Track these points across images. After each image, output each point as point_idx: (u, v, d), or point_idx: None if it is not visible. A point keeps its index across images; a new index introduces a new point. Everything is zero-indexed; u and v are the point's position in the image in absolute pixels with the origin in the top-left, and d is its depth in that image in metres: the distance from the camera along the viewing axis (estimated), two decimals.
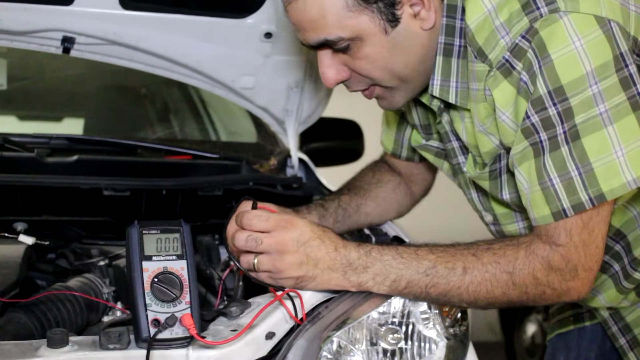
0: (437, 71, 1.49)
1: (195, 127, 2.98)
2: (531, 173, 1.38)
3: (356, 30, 1.42)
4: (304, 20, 1.44)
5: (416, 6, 1.43)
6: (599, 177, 1.33)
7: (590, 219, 1.37)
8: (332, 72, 1.50)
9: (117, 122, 2.99)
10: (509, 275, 1.40)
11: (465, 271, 1.41)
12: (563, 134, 1.33)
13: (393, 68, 1.47)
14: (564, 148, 1.33)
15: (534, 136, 1.36)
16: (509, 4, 1.37)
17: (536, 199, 1.38)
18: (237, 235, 1.47)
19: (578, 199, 1.34)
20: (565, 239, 1.38)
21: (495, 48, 1.38)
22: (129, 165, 2.12)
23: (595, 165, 1.32)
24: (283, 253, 1.42)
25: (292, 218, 1.46)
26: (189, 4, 2.05)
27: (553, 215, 1.37)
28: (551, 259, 1.38)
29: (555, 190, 1.35)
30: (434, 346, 1.51)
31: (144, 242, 1.35)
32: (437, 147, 1.69)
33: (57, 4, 1.92)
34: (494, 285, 1.41)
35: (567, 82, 1.31)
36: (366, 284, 1.44)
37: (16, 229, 1.78)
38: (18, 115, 3.05)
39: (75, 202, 1.92)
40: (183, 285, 1.33)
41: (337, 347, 1.44)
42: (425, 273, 1.42)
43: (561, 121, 1.33)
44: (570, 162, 1.33)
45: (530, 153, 1.38)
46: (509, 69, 1.36)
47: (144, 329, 1.29)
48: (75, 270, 1.79)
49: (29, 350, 1.28)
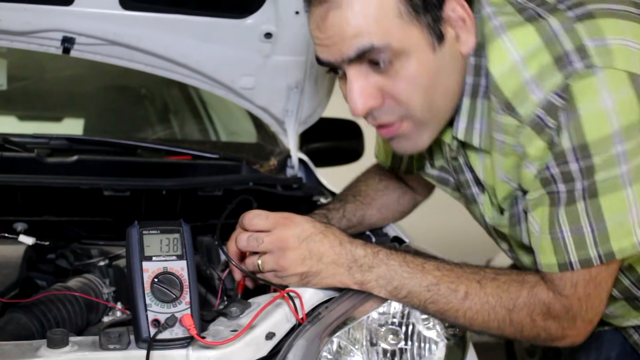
0: (464, 113, 1.42)
1: (195, 128, 2.98)
2: (543, 220, 1.35)
3: (405, 43, 1.31)
4: (346, 28, 1.31)
5: (457, 27, 1.35)
6: (611, 236, 1.30)
7: (598, 274, 1.35)
8: (366, 98, 1.35)
9: (117, 123, 2.99)
10: (508, 312, 1.39)
11: (467, 296, 1.40)
12: (581, 190, 1.30)
13: (433, 95, 1.37)
14: (580, 204, 1.30)
15: (551, 186, 1.33)
16: (539, 57, 1.30)
17: (544, 246, 1.36)
18: (239, 236, 1.47)
19: (587, 255, 1.32)
20: (570, 290, 1.36)
21: (525, 103, 1.31)
22: (129, 166, 2.12)
23: (609, 224, 1.30)
24: (285, 250, 1.42)
25: (293, 215, 1.46)
26: (189, 4, 2.05)
27: (559, 266, 1.35)
28: (552, 306, 1.37)
29: (565, 242, 1.33)
30: (434, 346, 1.51)
31: (144, 242, 1.35)
32: (437, 175, 1.66)
33: (57, 4, 1.92)
34: (491, 317, 1.40)
35: (593, 140, 1.27)
36: (368, 283, 1.43)
37: (16, 229, 1.78)
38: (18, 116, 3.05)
39: (75, 203, 1.92)
40: (183, 286, 1.33)
41: (337, 348, 1.44)
42: (427, 288, 1.41)
43: (582, 177, 1.29)
44: (585, 218, 1.31)
45: (545, 200, 1.35)
46: (541, 126, 1.30)
47: (144, 329, 1.29)
48: (75, 270, 1.79)
49: (29, 351, 1.28)
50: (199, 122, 2.97)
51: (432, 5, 1.31)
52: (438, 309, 1.43)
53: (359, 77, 1.35)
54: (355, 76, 1.35)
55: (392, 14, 1.30)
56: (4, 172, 1.87)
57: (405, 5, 1.30)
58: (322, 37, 1.35)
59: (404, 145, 1.46)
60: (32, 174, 1.92)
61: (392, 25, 1.30)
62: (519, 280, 1.41)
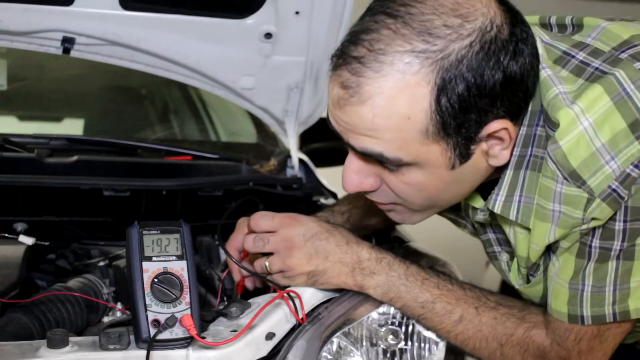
0: (505, 186, 1.31)
1: (195, 128, 2.98)
2: (567, 267, 1.30)
3: (420, 158, 1.22)
4: (362, 124, 1.20)
5: (494, 143, 1.24)
6: (631, 296, 1.27)
7: (608, 330, 1.31)
8: (359, 180, 1.29)
9: (117, 123, 2.99)
10: (500, 346, 1.38)
11: (461, 320, 1.39)
12: (619, 251, 1.24)
13: (438, 198, 1.31)
14: (612, 263, 1.25)
15: (587, 238, 1.26)
16: (610, 120, 1.18)
17: (559, 292, 1.32)
18: (246, 238, 1.47)
19: (601, 312, 1.28)
20: (572, 344, 1.32)
21: (596, 174, 1.19)
22: (129, 166, 2.12)
23: (632, 285, 1.26)
24: (291, 249, 1.42)
25: (298, 215, 1.46)
26: (189, 4, 2.05)
27: (569, 317, 1.31)
28: (547, 354, 1.35)
29: (582, 296, 1.28)
30: (433, 347, 1.50)
31: (144, 242, 1.35)
32: (454, 218, 1.59)
33: (57, 4, 1.92)
34: (482, 346, 1.40)
35: None
36: (367, 289, 1.44)
37: (16, 230, 1.78)
38: (18, 116, 3.05)
39: (75, 203, 1.92)
40: (183, 286, 1.33)
41: (337, 348, 1.44)
42: (422, 305, 1.41)
43: (623, 239, 1.23)
44: (611, 278, 1.26)
45: (575, 250, 1.28)
46: (617, 200, 1.20)
47: (144, 330, 1.29)
48: (75, 270, 1.79)
49: (29, 351, 1.28)
50: (199, 122, 2.97)
51: (468, 128, 1.19)
52: (430, 326, 1.44)
53: (360, 159, 1.27)
54: (356, 157, 1.27)
55: (417, 130, 1.18)
56: (4, 172, 1.86)
57: (435, 124, 1.18)
58: (337, 114, 1.24)
59: (393, 216, 1.41)
60: (32, 174, 1.92)
61: (411, 141, 1.19)
62: (519, 317, 1.39)
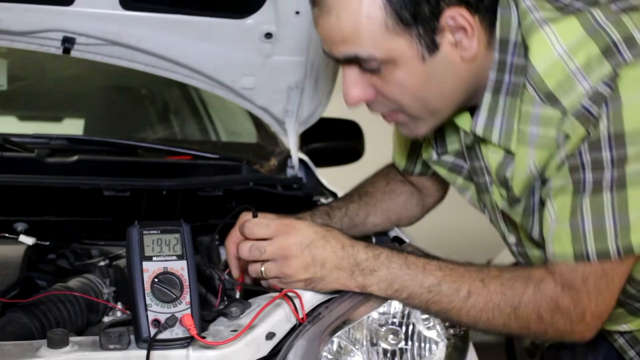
0: (484, 109, 1.42)
1: (196, 128, 2.99)
2: (564, 209, 1.34)
3: (391, 53, 1.34)
4: (335, 34, 1.36)
5: (459, 34, 1.34)
6: (633, 230, 1.29)
7: (612, 269, 1.33)
8: (357, 91, 1.41)
9: (117, 123, 2.99)
10: (513, 309, 1.38)
11: (470, 295, 1.39)
12: (610, 181, 1.28)
13: (424, 98, 1.39)
14: (607, 195, 1.29)
15: (578, 174, 1.31)
16: (586, 47, 1.28)
17: (561, 235, 1.34)
18: (240, 246, 1.47)
19: (605, 247, 1.30)
20: (580, 284, 1.34)
21: (570, 94, 1.29)
22: (129, 166, 2.12)
23: (632, 217, 1.29)
24: (288, 258, 1.42)
25: (293, 222, 1.46)
26: (189, 4, 2.05)
27: (575, 256, 1.33)
28: (560, 300, 1.36)
29: (584, 232, 1.31)
30: (434, 347, 1.51)
31: (144, 242, 1.35)
32: (452, 162, 1.65)
33: (57, 4, 1.92)
34: (496, 315, 1.39)
35: (630, 130, 1.26)
36: (370, 287, 1.44)
37: (16, 229, 1.78)
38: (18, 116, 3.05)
39: (76, 203, 1.92)
40: (183, 286, 1.33)
41: (337, 348, 1.44)
42: (428, 289, 1.41)
43: (612, 166, 1.28)
44: (609, 210, 1.29)
45: (569, 189, 1.33)
46: (586, 116, 1.28)
47: (144, 329, 1.30)
48: (76, 270, 1.79)
49: (29, 351, 1.29)
50: (199, 122, 2.98)
51: (423, 17, 1.31)
52: (440, 309, 1.42)
53: (352, 72, 1.40)
54: (349, 71, 1.40)
55: (378, 26, 1.32)
56: (4, 172, 1.87)
57: (392, 17, 1.31)
58: (318, 32, 1.41)
59: (403, 131, 1.52)
60: (32, 174, 1.92)
61: (377, 37, 1.32)
62: (525, 277, 1.39)
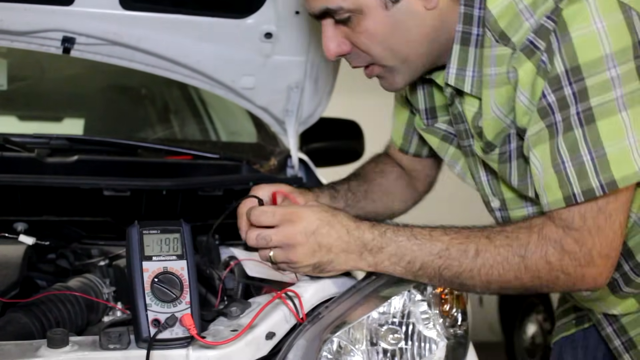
0: (454, 60, 1.48)
1: (196, 127, 2.99)
2: (545, 155, 1.36)
3: (356, 3, 1.43)
4: None
5: None
6: (612, 164, 1.31)
7: (607, 205, 1.34)
8: (333, 45, 1.51)
9: (117, 123, 2.99)
10: (521, 259, 1.38)
11: (478, 254, 1.40)
12: (577, 115, 1.31)
13: (392, 46, 1.47)
14: (578, 130, 1.32)
15: (549, 117, 1.34)
16: None
17: (550, 182, 1.37)
18: (248, 235, 1.49)
19: (589, 185, 1.32)
20: (579, 223, 1.35)
21: (519, 30, 1.36)
22: (129, 166, 2.12)
23: (608, 150, 1.31)
24: (294, 246, 1.44)
25: (298, 210, 1.48)
26: (189, 4, 2.05)
27: (565, 200, 1.35)
28: (564, 242, 1.36)
29: (567, 174, 1.33)
30: (434, 346, 1.51)
31: (144, 242, 1.35)
32: (445, 130, 1.68)
33: (57, 4, 1.92)
34: (506, 268, 1.39)
35: (585, 62, 1.30)
36: (382, 264, 1.45)
37: (16, 229, 1.78)
38: (18, 115, 3.06)
39: (76, 203, 1.92)
40: (183, 286, 1.33)
41: (337, 347, 1.44)
42: (438, 255, 1.42)
43: (575, 101, 1.31)
44: (583, 146, 1.32)
45: (545, 135, 1.36)
46: (532, 50, 1.34)
47: (144, 329, 1.30)
48: (76, 270, 1.79)
49: (29, 351, 1.29)
50: (199, 122, 2.98)
51: None
52: (453, 274, 1.43)
53: (329, 27, 1.50)
54: (326, 27, 1.50)
55: None
56: (4, 172, 1.87)
57: None
58: None
59: (382, 84, 1.59)
60: (32, 174, 1.92)
61: None
62: (527, 226, 1.40)
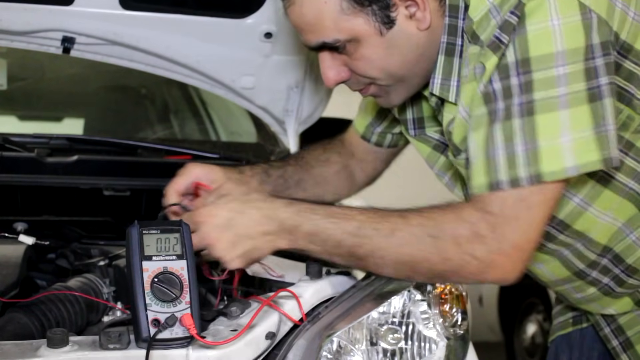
0: (439, 70, 1.50)
1: (195, 127, 2.99)
2: (480, 140, 1.37)
3: (352, 33, 1.45)
4: (302, 23, 1.48)
5: (411, 7, 1.44)
6: (542, 158, 1.31)
7: (530, 196, 1.34)
8: (333, 73, 1.53)
9: (117, 122, 2.99)
10: (433, 240, 1.37)
11: (392, 232, 1.40)
12: (518, 106, 1.32)
13: (389, 68, 1.49)
14: (516, 121, 1.33)
15: (492, 103, 1.36)
16: None
17: (479, 167, 1.37)
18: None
19: (516, 174, 1.32)
20: (498, 208, 1.34)
21: (487, 29, 1.38)
22: (129, 165, 2.12)
23: (541, 144, 1.32)
24: (213, 245, 1.44)
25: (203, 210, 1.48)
26: (189, 4, 2.06)
27: (490, 185, 1.35)
28: (478, 226, 1.35)
29: (497, 161, 1.34)
30: (434, 346, 1.51)
31: (144, 242, 1.35)
32: (438, 139, 1.68)
33: (57, 4, 1.92)
34: (418, 248, 1.38)
35: (536, 56, 1.32)
36: (298, 242, 1.44)
37: (16, 229, 1.78)
38: (18, 115, 3.06)
39: (76, 202, 1.92)
40: (183, 285, 1.33)
41: (337, 347, 1.44)
42: (352, 233, 1.41)
43: (520, 92, 1.32)
44: (518, 136, 1.32)
45: (485, 121, 1.36)
46: (498, 45, 1.36)
47: (144, 329, 1.29)
48: (75, 270, 1.79)
49: (29, 350, 1.29)
50: (199, 122, 2.98)
51: None
52: (365, 252, 1.42)
53: (326, 57, 1.52)
54: (324, 57, 1.53)
55: (336, 10, 1.43)
56: (4, 172, 1.87)
57: (346, 0, 1.43)
58: (292, 25, 1.52)
59: (379, 101, 1.63)
60: (32, 173, 1.92)
61: (336, 20, 1.44)
62: (444, 207, 1.41)
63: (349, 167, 1.95)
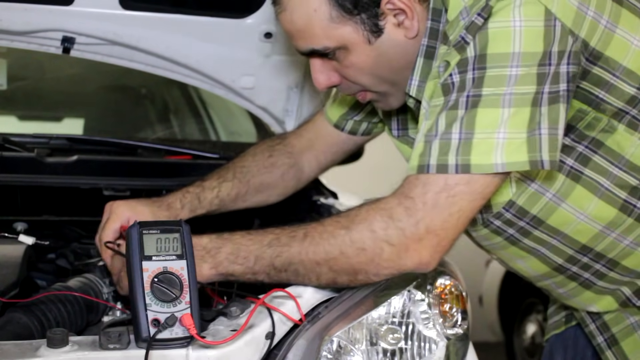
0: (417, 72, 1.51)
1: (195, 127, 2.99)
2: (426, 127, 1.39)
3: (341, 41, 1.47)
4: (292, 29, 1.51)
5: (399, 16, 1.46)
6: (474, 149, 1.32)
7: (455, 185, 1.33)
8: (323, 78, 1.55)
9: (117, 122, 2.99)
10: (347, 231, 1.37)
11: (306, 235, 1.40)
12: (465, 98, 1.34)
13: (379, 75, 1.52)
14: (460, 111, 1.35)
15: (448, 96, 1.38)
16: None
17: (416, 151, 1.38)
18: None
19: (445, 160, 1.33)
20: (418, 192, 1.34)
21: (455, 29, 1.40)
22: (129, 165, 2.12)
23: (476, 136, 1.33)
24: None
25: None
26: (189, 4, 2.06)
27: (417, 168, 1.36)
28: (394, 211, 1.35)
29: (431, 146, 1.35)
30: (434, 346, 1.51)
31: (144, 242, 1.35)
32: None
33: (57, 4, 1.92)
34: (332, 243, 1.38)
35: (492, 53, 1.33)
36: (222, 264, 1.43)
37: (16, 229, 1.78)
38: (18, 115, 3.06)
39: (75, 202, 1.92)
40: (183, 285, 1.33)
41: (337, 347, 1.44)
42: (269, 244, 1.42)
43: (471, 86, 1.35)
44: (457, 125, 1.34)
45: (438, 110, 1.39)
46: (462, 45, 1.38)
47: (144, 329, 1.30)
48: (75, 270, 1.79)
49: (29, 350, 1.29)
50: (199, 122, 2.98)
51: (364, 5, 1.45)
52: (284, 261, 1.41)
53: (317, 62, 1.55)
54: (314, 62, 1.55)
55: (325, 18, 1.46)
56: (4, 172, 1.87)
57: (336, 9, 1.45)
58: (284, 31, 1.55)
59: (378, 105, 1.66)
60: (32, 173, 1.92)
61: (325, 28, 1.47)
62: (362, 204, 1.41)
63: (298, 164, 1.93)
